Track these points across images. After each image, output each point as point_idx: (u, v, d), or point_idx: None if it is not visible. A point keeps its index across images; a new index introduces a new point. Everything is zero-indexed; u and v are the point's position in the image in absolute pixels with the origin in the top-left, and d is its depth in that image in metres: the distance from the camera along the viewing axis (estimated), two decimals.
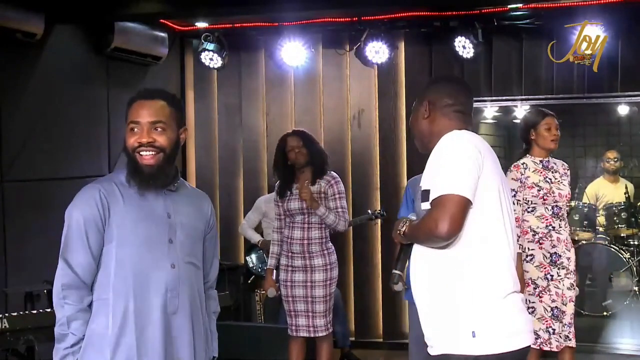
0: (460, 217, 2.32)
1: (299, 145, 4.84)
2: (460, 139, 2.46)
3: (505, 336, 2.36)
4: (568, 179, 4.44)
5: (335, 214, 4.79)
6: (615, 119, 9.14)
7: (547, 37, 6.11)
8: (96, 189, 2.53)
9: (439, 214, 2.31)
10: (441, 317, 2.41)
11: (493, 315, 2.36)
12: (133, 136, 2.55)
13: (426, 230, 2.37)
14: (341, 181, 4.94)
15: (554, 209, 4.32)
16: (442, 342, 2.41)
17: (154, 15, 5.86)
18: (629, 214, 7.10)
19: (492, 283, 2.38)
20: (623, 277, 6.99)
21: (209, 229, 2.76)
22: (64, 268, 2.49)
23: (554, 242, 4.27)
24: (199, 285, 2.69)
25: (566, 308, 4.31)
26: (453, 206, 2.31)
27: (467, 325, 2.35)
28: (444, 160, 2.41)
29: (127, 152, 2.57)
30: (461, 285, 2.38)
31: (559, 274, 4.30)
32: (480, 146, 2.46)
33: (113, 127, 6.10)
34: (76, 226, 2.50)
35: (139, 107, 2.57)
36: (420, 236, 2.45)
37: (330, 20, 6.44)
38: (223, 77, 7.10)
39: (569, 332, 4.31)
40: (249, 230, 6.29)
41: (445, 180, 2.35)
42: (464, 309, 2.36)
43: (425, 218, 2.40)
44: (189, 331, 2.61)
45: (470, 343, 2.34)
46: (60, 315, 2.49)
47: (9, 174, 5.21)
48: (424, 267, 2.47)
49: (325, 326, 4.81)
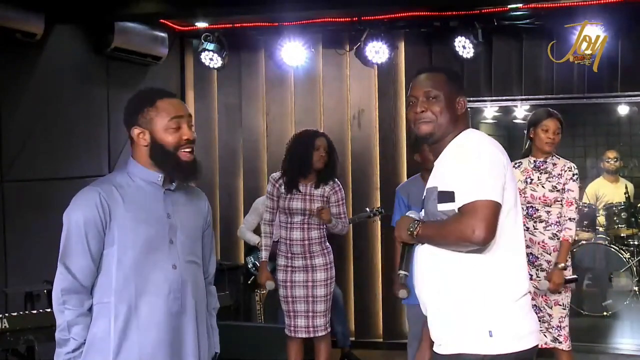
0: (495, 223, 2.33)
1: (325, 148, 4.84)
2: (484, 141, 2.46)
3: (520, 336, 2.39)
4: (565, 180, 4.35)
5: (339, 221, 4.86)
6: (615, 119, 9.15)
7: (547, 37, 6.10)
8: (96, 191, 2.50)
9: (475, 220, 2.30)
10: (455, 317, 2.41)
11: (509, 316, 2.38)
12: (176, 132, 2.53)
13: (460, 235, 2.33)
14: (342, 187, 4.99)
15: (529, 210, 4.31)
16: (456, 341, 2.40)
17: (154, 15, 5.86)
18: (629, 214, 7.11)
19: (509, 284, 2.40)
20: (623, 277, 6.99)
21: (206, 226, 2.76)
22: (63, 272, 2.47)
23: (527, 243, 4.21)
24: (201, 282, 2.69)
25: (552, 311, 4.31)
26: (489, 212, 2.31)
27: (484, 325, 2.36)
28: (473, 163, 2.38)
29: (165, 150, 2.53)
30: (479, 286, 2.38)
31: (538, 275, 4.30)
32: (500, 148, 2.48)
33: (113, 127, 6.10)
34: (76, 229, 2.47)
35: (174, 103, 2.57)
36: (448, 239, 2.39)
37: (330, 20, 6.43)
38: (223, 77, 7.10)
39: (558, 335, 4.30)
40: (248, 232, 6.27)
41: (477, 185, 2.33)
42: (481, 309, 2.37)
43: (457, 223, 2.35)
44: (194, 330, 2.61)
45: (487, 343, 2.35)
46: (60, 320, 2.47)
47: (9, 174, 5.21)
48: (436, 267, 2.45)
49: (324, 326, 4.82)
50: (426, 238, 2.47)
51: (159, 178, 2.58)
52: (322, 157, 4.81)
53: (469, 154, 2.42)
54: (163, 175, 2.58)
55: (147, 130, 2.54)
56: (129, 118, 2.58)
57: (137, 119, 2.55)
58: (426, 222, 2.48)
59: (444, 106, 2.51)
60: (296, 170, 4.84)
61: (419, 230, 2.47)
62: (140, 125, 2.55)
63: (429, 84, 2.54)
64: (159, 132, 2.53)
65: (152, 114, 2.54)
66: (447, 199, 2.40)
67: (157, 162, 2.56)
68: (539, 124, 4.40)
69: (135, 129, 2.56)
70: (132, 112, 2.58)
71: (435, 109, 2.51)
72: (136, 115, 2.56)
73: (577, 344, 4.43)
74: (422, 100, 2.52)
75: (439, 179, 2.46)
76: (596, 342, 6.25)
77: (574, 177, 4.37)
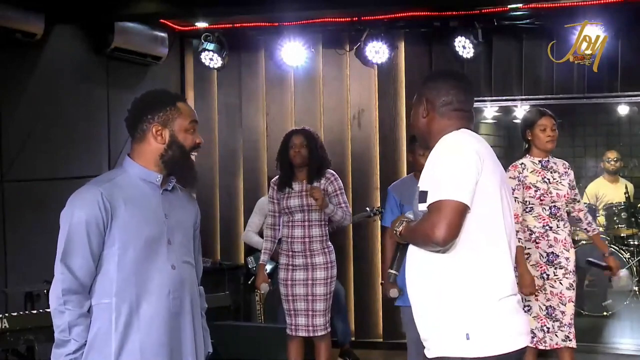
0: (457, 224, 2.31)
1: (301, 144, 4.83)
2: (458, 142, 2.44)
3: (500, 338, 2.35)
4: (569, 178, 4.42)
5: (338, 208, 4.82)
6: (615, 119, 9.14)
7: (547, 37, 6.10)
8: (97, 190, 2.47)
9: (436, 219, 2.30)
10: (436, 319, 2.41)
11: (487, 318, 2.35)
12: (192, 135, 2.59)
13: (423, 234, 2.36)
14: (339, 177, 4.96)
15: (552, 209, 4.32)
16: (438, 343, 2.40)
17: (154, 15, 5.86)
18: (629, 214, 7.11)
19: (488, 286, 2.37)
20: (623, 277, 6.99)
21: (196, 227, 2.76)
22: (64, 272, 2.44)
23: (550, 242, 4.28)
24: (195, 283, 2.69)
25: (565, 308, 4.31)
26: (451, 212, 2.29)
27: (461, 327, 2.34)
28: (442, 164, 2.39)
29: (183, 150, 2.57)
30: (456, 287, 2.37)
31: (556, 273, 4.30)
32: (479, 148, 2.44)
33: (113, 127, 6.10)
34: (77, 228, 2.44)
35: (190, 108, 2.64)
36: (417, 239, 2.44)
37: (330, 20, 6.44)
38: (223, 77, 7.10)
39: (569, 332, 4.30)
40: (254, 236, 6.08)
41: (443, 185, 2.33)
42: (458, 310, 2.35)
43: (422, 222, 2.39)
44: (191, 330, 2.61)
45: (464, 345, 2.33)
46: (60, 321, 2.45)
47: (9, 174, 5.21)
48: (419, 268, 2.46)
49: (324, 325, 4.82)
50: (405, 239, 2.52)
51: (157, 178, 2.57)
52: (297, 152, 4.81)
53: (440, 154, 2.43)
54: (162, 176, 2.58)
55: (167, 128, 2.55)
56: (145, 115, 2.55)
57: (157, 116, 2.55)
58: (410, 223, 2.51)
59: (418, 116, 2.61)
60: (282, 170, 4.90)
61: (402, 229, 2.52)
62: (159, 122, 2.54)
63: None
64: (179, 132, 2.56)
65: (174, 114, 2.56)
66: (423, 198, 2.42)
67: (168, 162, 2.56)
68: (535, 125, 4.40)
69: (153, 127, 2.54)
70: (151, 110, 2.56)
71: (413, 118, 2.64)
72: (157, 112, 2.55)
73: (577, 344, 4.41)
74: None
75: (422, 178, 2.49)
76: (596, 342, 6.25)
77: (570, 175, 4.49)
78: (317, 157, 4.86)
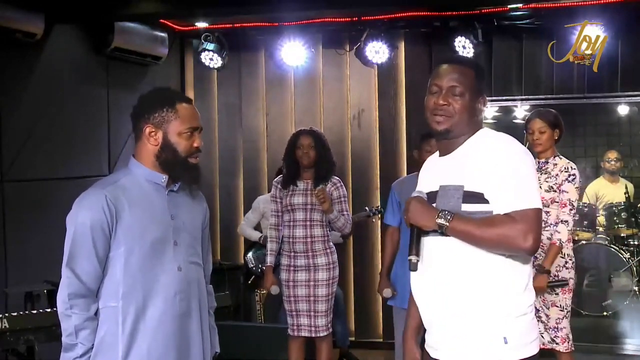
0: (541, 233, 2.33)
1: (310, 145, 4.82)
2: (520, 145, 2.40)
3: (531, 340, 2.36)
4: (560, 180, 4.29)
5: (341, 215, 4.82)
6: (615, 119, 9.15)
7: (547, 37, 6.10)
8: (102, 194, 2.46)
9: (527, 228, 2.25)
10: (474, 322, 2.32)
11: (522, 321, 2.34)
12: (189, 139, 2.53)
13: (509, 240, 2.26)
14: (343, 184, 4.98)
15: None
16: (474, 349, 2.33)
17: (154, 15, 5.86)
18: (629, 214, 7.10)
19: (526, 290, 2.37)
20: (623, 277, 6.99)
21: (205, 226, 2.75)
22: (70, 277, 2.42)
23: None
24: (203, 283, 2.68)
25: (549, 312, 4.30)
26: (538, 222, 2.29)
27: (500, 331, 2.31)
28: (518, 168, 2.31)
29: (176, 154, 2.52)
30: (501, 291, 2.32)
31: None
32: None
33: (113, 127, 6.10)
34: (82, 232, 2.43)
35: (193, 112, 2.57)
36: (493, 241, 2.27)
37: (330, 20, 6.44)
38: (223, 77, 7.11)
39: (555, 336, 4.29)
40: (248, 229, 6.23)
41: (527, 192, 2.30)
42: (499, 315, 2.31)
43: (507, 227, 2.25)
44: (199, 330, 2.61)
45: (502, 350, 2.31)
46: (67, 325, 2.44)
47: (9, 174, 5.20)
48: (463, 267, 2.33)
49: (325, 326, 4.82)
50: (459, 232, 2.29)
51: (162, 179, 2.56)
52: (305, 154, 4.80)
53: (510, 157, 2.32)
54: (167, 177, 2.56)
55: (160, 130, 2.51)
56: (142, 115, 2.53)
57: (152, 117, 2.51)
58: (461, 215, 2.29)
59: (466, 104, 2.39)
60: (288, 169, 4.89)
61: (451, 221, 2.28)
62: (153, 124, 2.51)
63: (456, 79, 2.40)
64: (173, 135, 2.51)
65: (170, 116, 2.51)
66: (475, 200, 2.30)
67: (164, 164, 2.53)
68: (526, 128, 4.45)
69: (147, 127, 2.51)
70: (147, 109, 2.52)
71: (457, 105, 2.39)
72: (152, 113, 2.51)
73: (577, 344, 4.41)
74: (446, 94, 2.39)
75: (467, 178, 2.33)
76: (596, 342, 6.25)
77: (569, 178, 4.28)
78: (325, 159, 4.87)
